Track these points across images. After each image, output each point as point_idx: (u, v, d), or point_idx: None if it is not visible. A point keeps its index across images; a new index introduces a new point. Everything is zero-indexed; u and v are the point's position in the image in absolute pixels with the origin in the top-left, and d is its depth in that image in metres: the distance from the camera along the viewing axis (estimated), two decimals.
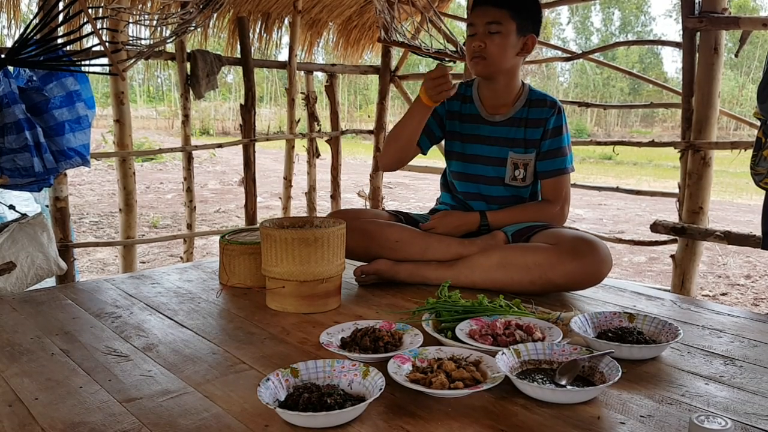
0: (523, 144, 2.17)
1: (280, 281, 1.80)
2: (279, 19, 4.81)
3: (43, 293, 1.99)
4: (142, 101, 22.76)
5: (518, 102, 2.18)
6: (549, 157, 2.16)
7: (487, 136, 2.20)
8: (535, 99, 2.17)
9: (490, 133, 2.19)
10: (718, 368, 1.41)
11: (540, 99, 2.18)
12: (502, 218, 2.15)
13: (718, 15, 3.22)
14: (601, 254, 1.88)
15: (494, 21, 2.03)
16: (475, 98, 2.24)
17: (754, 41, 16.23)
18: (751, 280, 5.18)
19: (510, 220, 2.15)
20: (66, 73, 2.93)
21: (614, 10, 30.41)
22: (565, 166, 2.17)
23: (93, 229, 6.67)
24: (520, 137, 2.17)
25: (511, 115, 2.18)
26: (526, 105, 2.17)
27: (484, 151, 2.21)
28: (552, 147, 2.16)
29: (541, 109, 2.16)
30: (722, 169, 10.85)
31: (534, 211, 2.17)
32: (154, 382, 1.31)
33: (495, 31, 2.03)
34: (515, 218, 2.15)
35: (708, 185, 3.44)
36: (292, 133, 4.77)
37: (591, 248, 1.88)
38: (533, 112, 2.16)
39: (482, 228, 2.15)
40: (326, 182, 5.21)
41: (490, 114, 2.20)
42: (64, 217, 3.46)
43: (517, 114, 2.17)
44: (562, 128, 2.16)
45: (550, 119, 2.14)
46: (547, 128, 2.14)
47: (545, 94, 2.21)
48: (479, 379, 1.24)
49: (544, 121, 2.15)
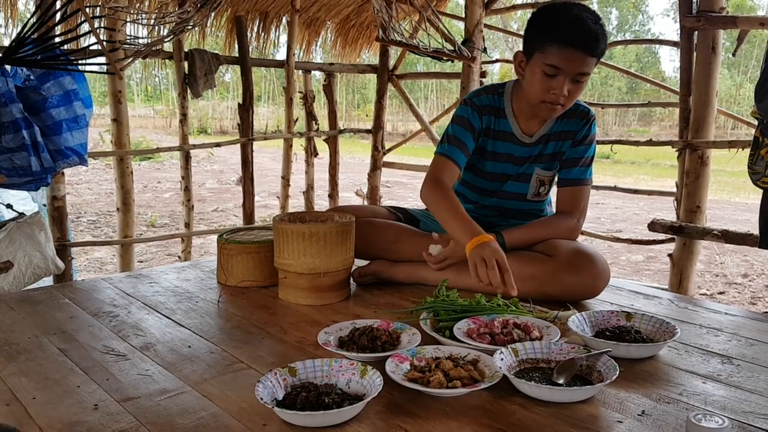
0: (550, 158, 2.06)
1: (294, 274, 1.85)
2: (277, 18, 4.81)
3: (40, 292, 1.98)
4: (140, 100, 22.73)
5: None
6: (572, 165, 2.03)
7: (518, 156, 2.06)
8: (570, 110, 1.99)
9: (522, 153, 2.05)
10: (715, 367, 1.41)
11: (574, 110, 2.00)
12: (519, 238, 1.95)
13: (715, 14, 3.23)
14: (599, 269, 1.83)
15: (586, 72, 1.81)
16: (509, 113, 2.03)
17: (752, 40, 16.25)
18: (749, 279, 5.19)
19: (528, 239, 1.96)
20: (63, 72, 2.93)
21: (612, 9, 30.43)
22: (587, 176, 2.05)
23: (90, 228, 6.66)
24: (549, 152, 2.05)
25: (545, 132, 2.03)
26: (560, 117, 2.00)
27: (511, 170, 2.08)
28: (576, 155, 2.03)
29: (574, 120, 2.02)
30: (720, 168, 10.86)
31: (552, 229, 1.99)
32: (151, 382, 1.31)
33: (581, 80, 1.83)
34: (533, 238, 1.96)
35: (705, 184, 3.44)
36: (290, 132, 4.77)
37: (589, 262, 1.83)
38: (566, 124, 2.02)
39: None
40: (324, 181, 5.22)
41: (525, 134, 2.03)
42: (61, 216, 3.46)
43: (551, 129, 2.03)
44: (591, 138, 2.03)
45: (581, 130, 2.02)
46: (577, 138, 2.02)
47: (580, 103, 2.03)
48: (477, 378, 1.24)
49: (575, 132, 2.02)
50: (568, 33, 1.76)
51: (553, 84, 1.81)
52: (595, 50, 1.78)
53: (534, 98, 1.87)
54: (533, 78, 1.85)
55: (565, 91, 1.82)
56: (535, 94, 1.86)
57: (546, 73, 1.81)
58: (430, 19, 4.00)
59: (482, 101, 2.03)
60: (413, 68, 15.90)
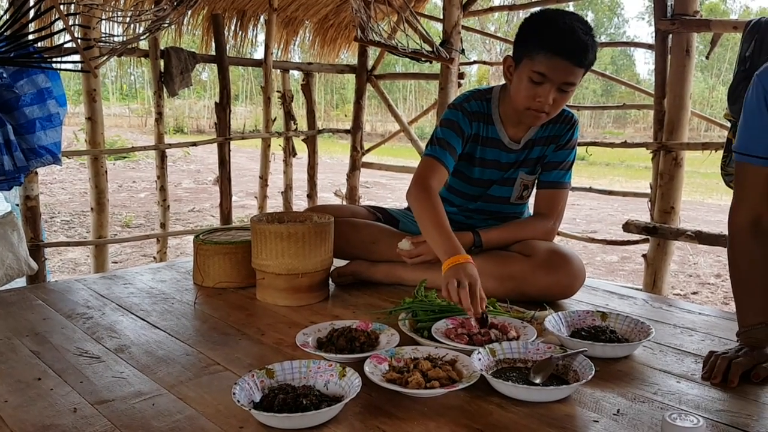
0: (535, 162, 2.07)
1: (272, 275, 1.84)
2: (254, 16, 4.78)
3: (13, 294, 1.95)
4: (115, 99, 22.44)
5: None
6: (552, 168, 2.05)
7: (504, 162, 2.06)
8: (555, 116, 1.97)
9: (508, 160, 2.06)
10: (689, 366, 1.43)
11: (559, 114, 2.00)
12: (496, 238, 1.99)
13: (689, 17, 3.28)
14: (575, 268, 1.86)
15: (573, 82, 1.80)
16: (496, 120, 2.03)
17: (725, 44, 16.52)
18: (722, 279, 5.27)
19: (504, 240, 1.99)
20: (37, 70, 2.87)
21: (588, 12, 30.75)
22: (566, 180, 2.06)
23: (64, 228, 6.56)
24: (534, 156, 2.06)
25: (531, 137, 2.04)
26: (545, 123, 1.99)
27: (497, 175, 2.08)
28: (558, 159, 2.04)
29: (559, 125, 2.02)
30: (693, 169, 11.01)
31: (528, 230, 2.01)
32: (126, 384, 1.29)
33: (567, 90, 1.82)
34: (509, 238, 2.00)
35: (679, 185, 3.49)
36: (268, 131, 4.75)
37: (565, 262, 1.85)
38: (551, 129, 2.03)
39: (474, 249, 1.96)
40: (303, 181, 5.20)
41: (512, 140, 2.03)
42: (34, 216, 3.40)
43: (537, 135, 2.04)
44: (573, 142, 2.05)
45: (565, 135, 2.03)
46: (560, 143, 2.03)
47: (564, 108, 2.01)
48: (455, 378, 1.25)
49: (560, 137, 2.03)
50: (558, 42, 1.75)
51: (539, 91, 1.80)
52: (583, 61, 1.77)
53: (519, 104, 1.87)
54: (520, 84, 1.84)
55: (550, 100, 1.81)
56: (520, 100, 1.86)
57: (533, 80, 1.80)
58: (408, 20, 4.01)
59: (472, 107, 2.01)
60: (392, 69, 15.89)
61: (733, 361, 1.34)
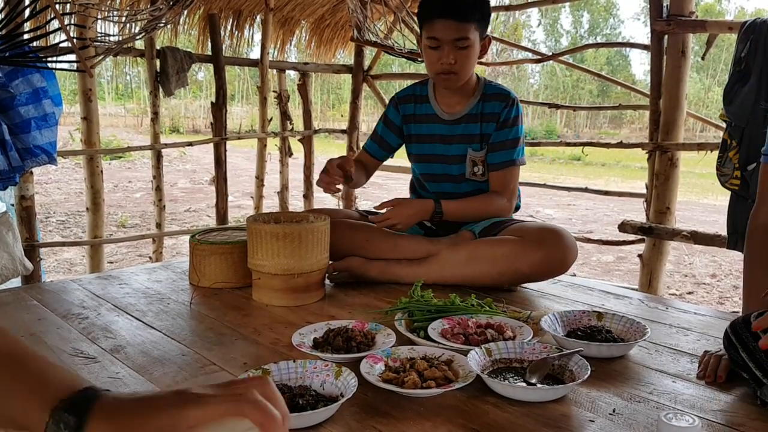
0: (480, 139, 2.17)
1: (268, 275, 1.84)
2: (251, 16, 4.78)
3: (8, 294, 1.94)
4: (111, 98, 22.39)
5: (474, 97, 2.18)
6: (497, 149, 2.15)
7: (444, 135, 2.20)
8: (490, 93, 2.16)
9: (448, 132, 2.20)
10: (685, 366, 1.43)
11: (495, 93, 2.16)
12: (454, 207, 2.11)
13: (685, 18, 3.29)
14: (566, 243, 1.92)
15: (462, 37, 1.98)
16: (431, 97, 2.23)
17: (720, 44, 16.57)
18: (717, 279, 5.29)
19: (461, 208, 2.13)
20: (32, 70, 2.87)
21: (583, 13, 30.80)
22: (514, 158, 2.16)
23: (60, 228, 6.54)
24: (477, 133, 2.17)
25: (467, 112, 2.17)
26: (481, 100, 2.16)
27: (444, 150, 2.21)
28: (501, 138, 2.15)
29: (495, 102, 2.15)
30: (689, 170, 11.05)
31: (483, 202, 2.15)
32: (122, 385, 1.29)
33: (463, 46, 2.00)
34: (466, 208, 2.13)
35: (675, 186, 3.50)
36: (264, 131, 4.74)
37: (556, 237, 1.92)
38: (488, 107, 2.15)
39: (436, 215, 2.09)
40: (299, 181, 5.19)
41: (447, 112, 2.19)
42: (30, 216, 3.40)
43: (473, 110, 2.17)
44: (514, 120, 2.15)
45: (502, 112, 2.14)
46: (499, 120, 2.14)
47: (500, 87, 2.20)
48: (451, 378, 1.25)
49: (498, 114, 2.14)
50: (436, 5, 1.97)
51: (439, 54, 2.01)
52: (465, 16, 1.96)
53: (431, 72, 2.09)
54: (426, 54, 2.07)
55: (451, 59, 2.00)
56: (430, 68, 2.07)
57: (430, 46, 2.02)
58: (404, 20, 4.02)
59: (403, 93, 2.30)
60: (388, 69, 15.90)
61: (723, 357, 1.36)
